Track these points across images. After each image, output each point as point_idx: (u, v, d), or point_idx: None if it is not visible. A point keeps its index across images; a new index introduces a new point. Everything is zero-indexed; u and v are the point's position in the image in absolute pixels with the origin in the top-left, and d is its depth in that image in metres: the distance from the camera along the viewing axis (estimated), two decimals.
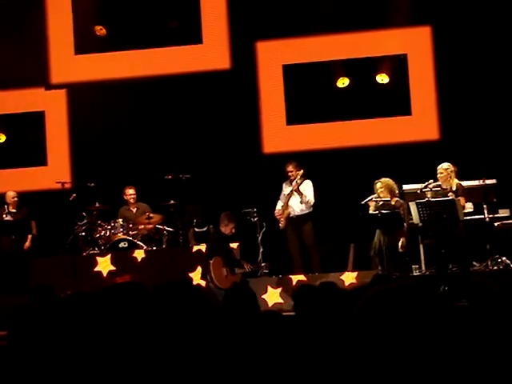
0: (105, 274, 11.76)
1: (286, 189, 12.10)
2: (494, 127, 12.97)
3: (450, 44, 13.28)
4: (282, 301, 11.35)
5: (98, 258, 11.83)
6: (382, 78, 13.53)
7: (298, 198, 11.97)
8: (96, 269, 11.80)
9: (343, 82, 13.60)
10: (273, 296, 11.46)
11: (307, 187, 12.01)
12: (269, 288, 11.48)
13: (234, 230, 11.32)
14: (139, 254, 11.82)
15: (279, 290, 11.48)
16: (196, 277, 11.53)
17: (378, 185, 11.26)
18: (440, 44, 13.36)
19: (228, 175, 13.43)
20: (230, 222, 11.28)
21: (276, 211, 12.08)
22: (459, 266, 10.73)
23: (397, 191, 11.32)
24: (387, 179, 11.31)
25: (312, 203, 12.01)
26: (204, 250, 11.61)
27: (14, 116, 14.29)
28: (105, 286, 3.53)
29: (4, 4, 14.04)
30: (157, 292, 3.56)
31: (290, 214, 12.01)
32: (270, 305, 11.37)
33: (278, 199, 12.17)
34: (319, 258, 12.09)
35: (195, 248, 11.93)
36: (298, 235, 12.03)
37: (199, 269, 11.60)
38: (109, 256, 11.81)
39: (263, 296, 11.35)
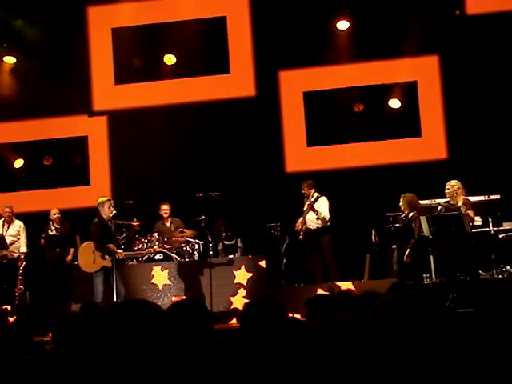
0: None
1: (305, 205, 12.11)
2: (498, 147, 13.00)
3: (457, 71, 13.32)
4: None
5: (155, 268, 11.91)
6: (394, 103, 13.63)
7: (313, 214, 11.96)
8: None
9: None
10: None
11: (322, 204, 12.01)
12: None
13: (112, 208, 11.07)
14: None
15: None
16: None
17: (401, 199, 11.22)
18: (447, 71, 13.42)
19: (254, 192, 13.54)
20: (106, 202, 11.12)
21: (296, 224, 12.08)
22: (469, 274, 10.68)
23: (418, 205, 11.24)
24: (409, 194, 11.25)
25: (327, 219, 11.95)
26: None
27: (60, 140, 14.45)
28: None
29: (50, 39, 14.20)
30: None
31: (307, 228, 11.99)
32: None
33: (300, 214, 12.14)
34: (337, 268, 11.96)
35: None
36: (315, 247, 11.94)
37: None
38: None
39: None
